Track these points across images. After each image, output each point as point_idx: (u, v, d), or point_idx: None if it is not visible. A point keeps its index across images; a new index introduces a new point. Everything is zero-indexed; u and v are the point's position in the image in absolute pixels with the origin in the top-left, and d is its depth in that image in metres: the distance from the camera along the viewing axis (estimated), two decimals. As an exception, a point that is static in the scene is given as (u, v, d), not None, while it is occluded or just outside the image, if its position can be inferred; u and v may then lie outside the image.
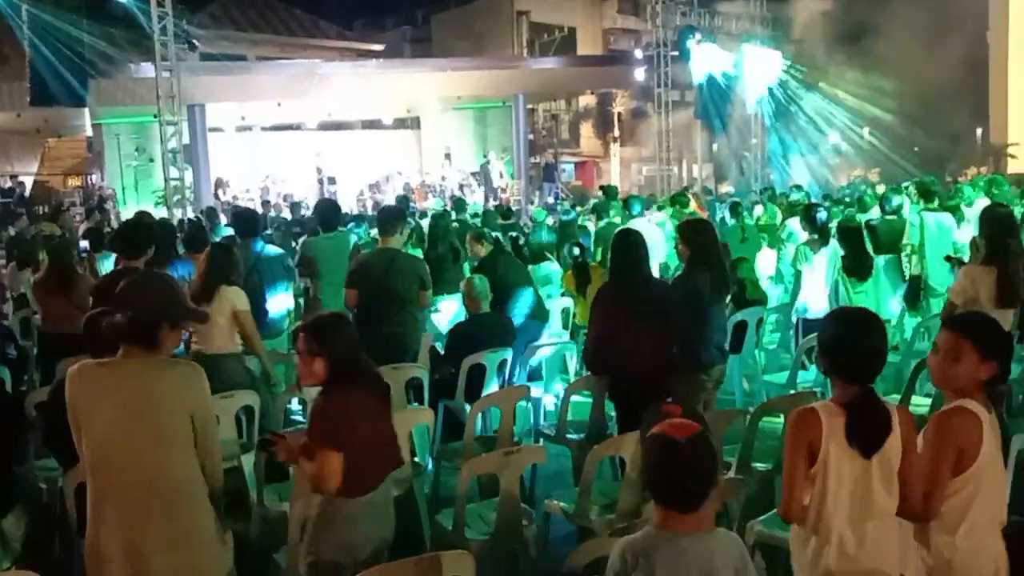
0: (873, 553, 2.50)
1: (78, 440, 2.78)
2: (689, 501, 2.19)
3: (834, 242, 6.60)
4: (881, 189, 12.67)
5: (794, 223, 8.21)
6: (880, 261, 7.18)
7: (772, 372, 6.57)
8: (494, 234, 8.33)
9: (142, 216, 8.21)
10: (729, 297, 6.90)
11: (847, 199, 13.74)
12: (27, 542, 3.78)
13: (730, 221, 10.05)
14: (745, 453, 4.04)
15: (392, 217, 5.83)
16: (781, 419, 4.61)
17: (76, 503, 3.58)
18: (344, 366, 2.96)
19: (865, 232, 7.07)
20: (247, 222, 6.54)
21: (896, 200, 8.11)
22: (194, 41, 16.61)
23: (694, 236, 4.89)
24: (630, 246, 4.59)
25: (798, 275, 6.56)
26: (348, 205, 18.75)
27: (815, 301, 6.42)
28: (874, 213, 9.03)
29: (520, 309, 6.37)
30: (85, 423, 2.75)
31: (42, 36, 14.57)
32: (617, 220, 8.92)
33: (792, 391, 5.66)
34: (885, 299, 7.27)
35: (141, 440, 2.73)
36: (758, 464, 4.19)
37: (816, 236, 6.47)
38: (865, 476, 2.48)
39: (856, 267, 6.45)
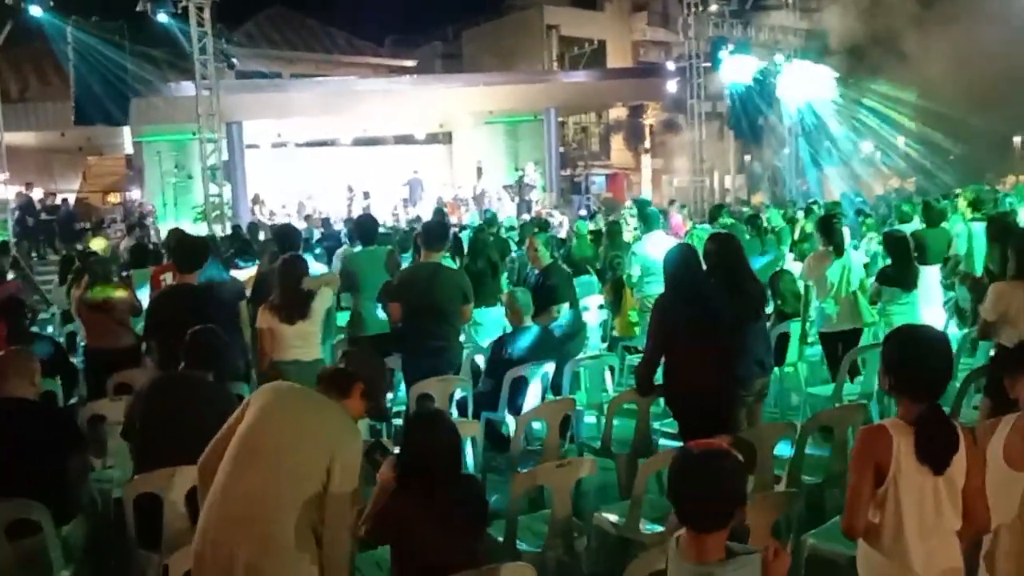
0: (943, 569, 2.50)
1: (220, 448, 2.86)
2: (702, 519, 2.11)
3: (850, 254, 6.48)
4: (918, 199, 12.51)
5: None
6: (924, 272, 7.09)
7: (815, 384, 6.52)
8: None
9: (181, 233, 8.38)
10: (771, 310, 6.89)
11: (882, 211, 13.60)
12: (86, 552, 3.88)
13: (749, 235, 9.95)
14: (795, 467, 4.02)
15: (439, 232, 5.88)
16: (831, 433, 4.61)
17: (136, 514, 3.68)
18: (415, 471, 2.88)
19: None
20: (288, 238, 6.64)
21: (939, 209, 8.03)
22: (232, 60, 16.92)
23: (712, 253, 4.89)
24: (685, 260, 4.58)
25: (807, 289, 6.47)
26: (382, 220, 18.94)
27: (830, 313, 6.30)
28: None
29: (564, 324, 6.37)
30: (242, 425, 2.83)
31: (85, 57, 14.93)
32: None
33: (837, 404, 5.61)
34: (924, 311, 7.16)
35: (270, 460, 2.77)
36: (807, 477, 4.17)
37: (831, 248, 6.33)
38: (935, 493, 2.48)
39: (901, 278, 6.37)
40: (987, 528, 2.61)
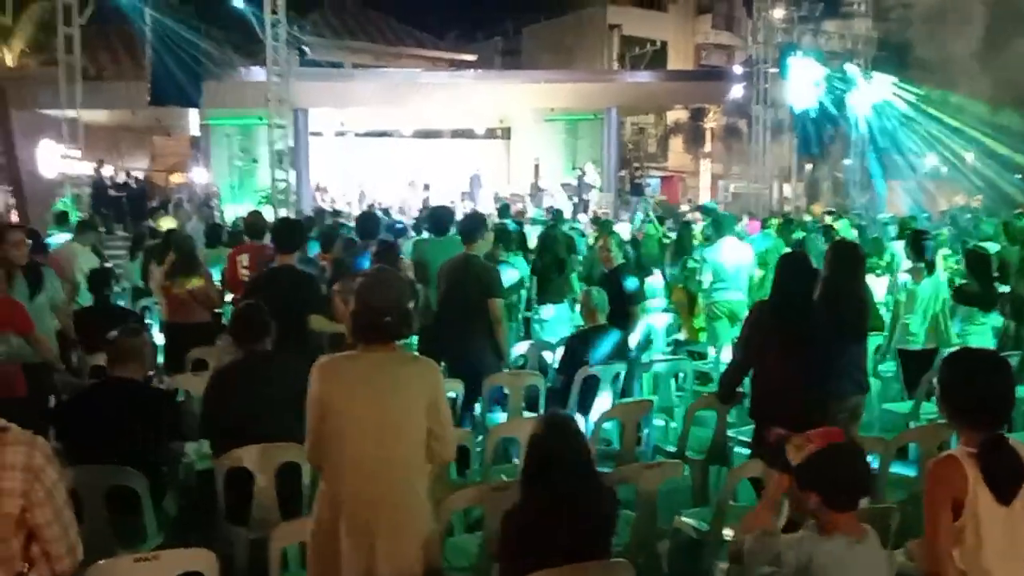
0: None
1: (317, 426, 2.89)
2: (851, 498, 2.46)
3: (940, 272, 6.35)
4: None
5: (898, 247, 7.99)
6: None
7: (887, 400, 6.42)
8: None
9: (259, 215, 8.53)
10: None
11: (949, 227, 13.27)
12: (174, 522, 3.99)
13: (823, 245, 9.76)
14: (881, 484, 3.96)
15: (474, 225, 5.91)
16: (912, 448, 4.55)
17: (225, 488, 3.78)
18: (536, 472, 2.91)
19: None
20: (367, 226, 6.75)
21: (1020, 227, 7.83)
22: (304, 48, 17.17)
23: (831, 261, 4.78)
24: (801, 269, 4.39)
25: (897, 304, 6.36)
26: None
27: (915, 331, 6.18)
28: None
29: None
30: (334, 410, 2.86)
31: (162, 39, 15.26)
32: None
33: (913, 422, 5.52)
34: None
35: (381, 423, 2.84)
36: (892, 495, 4.10)
37: (921, 264, 6.21)
38: (1011, 521, 2.37)
39: (981, 297, 6.23)
40: None
